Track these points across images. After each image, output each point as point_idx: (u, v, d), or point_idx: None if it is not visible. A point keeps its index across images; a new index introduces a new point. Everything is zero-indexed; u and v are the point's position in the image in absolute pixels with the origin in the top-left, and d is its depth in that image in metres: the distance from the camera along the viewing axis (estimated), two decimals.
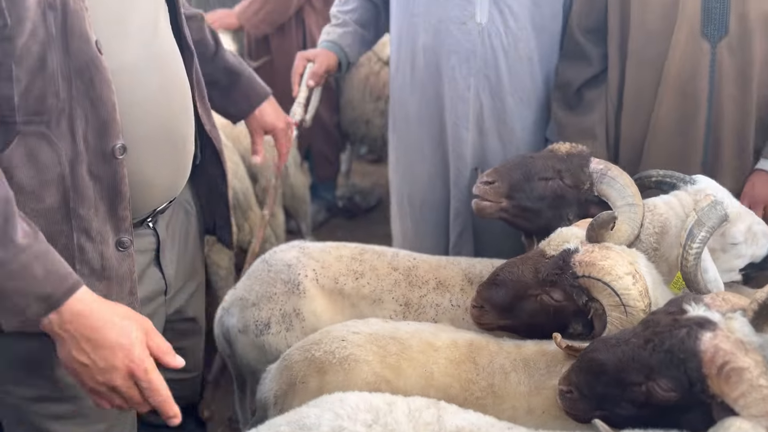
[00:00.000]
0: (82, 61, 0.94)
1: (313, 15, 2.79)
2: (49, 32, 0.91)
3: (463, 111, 1.62)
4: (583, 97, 1.61)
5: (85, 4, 0.94)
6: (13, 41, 0.89)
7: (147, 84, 1.05)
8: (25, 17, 0.89)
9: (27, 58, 0.90)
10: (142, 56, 1.05)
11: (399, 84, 1.71)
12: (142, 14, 1.06)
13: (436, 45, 1.58)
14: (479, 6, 1.53)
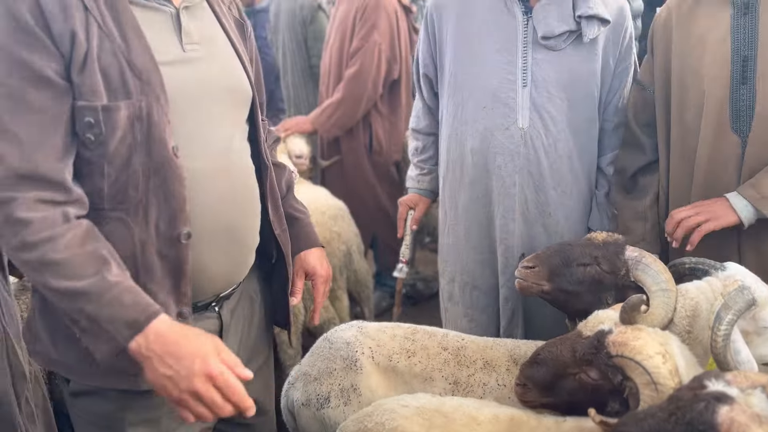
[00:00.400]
0: (159, 162, 1.08)
1: (378, 119, 3.04)
2: (135, 138, 1.06)
3: (510, 205, 1.76)
4: (638, 182, 1.74)
5: (167, 117, 1.08)
6: (107, 145, 1.05)
7: (216, 187, 1.17)
8: (117, 127, 1.05)
9: (116, 158, 1.06)
10: (214, 164, 1.17)
11: (449, 181, 1.87)
12: (219, 132, 1.19)
13: (483, 148, 1.75)
14: (521, 113, 1.70)
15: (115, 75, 1.04)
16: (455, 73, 1.77)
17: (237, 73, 1.23)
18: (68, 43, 1.02)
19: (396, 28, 2.96)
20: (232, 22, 1.28)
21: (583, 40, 1.67)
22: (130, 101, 1.05)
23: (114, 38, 1.05)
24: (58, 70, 1.02)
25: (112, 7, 1.06)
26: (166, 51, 1.11)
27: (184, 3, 1.16)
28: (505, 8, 1.69)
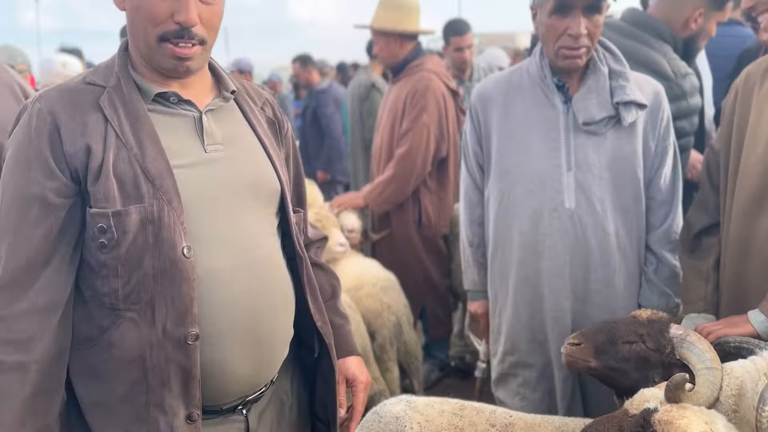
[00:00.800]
0: (167, 263, 1.09)
1: (427, 194, 3.16)
2: (146, 240, 1.08)
3: (561, 284, 1.81)
4: (702, 242, 1.76)
5: (180, 219, 1.09)
6: (119, 248, 1.08)
7: (231, 287, 1.15)
8: (129, 230, 1.08)
9: (129, 260, 1.09)
10: (234, 262, 1.16)
11: (498, 262, 1.93)
12: (241, 229, 1.18)
13: (532, 229, 1.81)
14: (567, 195, 1.78)
15: (129, 181, 1.08)
16: (501, 159, 1.86)
17: (263, 170, 1.24)
18: (83, 158, 1.08)
19: (444, 110, 3.12)
20: (264, 121, 1.30)
21: (623, 125, 1.77)
22: (142, 205, 1.08)
23: (131, 147, 1.09)
24: (60, 190, 1.08)
25: (131, 116, 1.12)
26: (186, 154, 1.14)
27: (210, 106, 1.20)
28: (546, 99, 1.81)
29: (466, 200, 2.03)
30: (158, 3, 1.09)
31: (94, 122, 1.10)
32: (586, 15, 1.68)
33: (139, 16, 1.11)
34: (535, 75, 1.83)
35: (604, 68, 1.79)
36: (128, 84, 1.14)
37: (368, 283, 2.61)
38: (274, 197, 1.26)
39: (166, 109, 1.17)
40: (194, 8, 1.10)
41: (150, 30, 1.11)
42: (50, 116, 1.09)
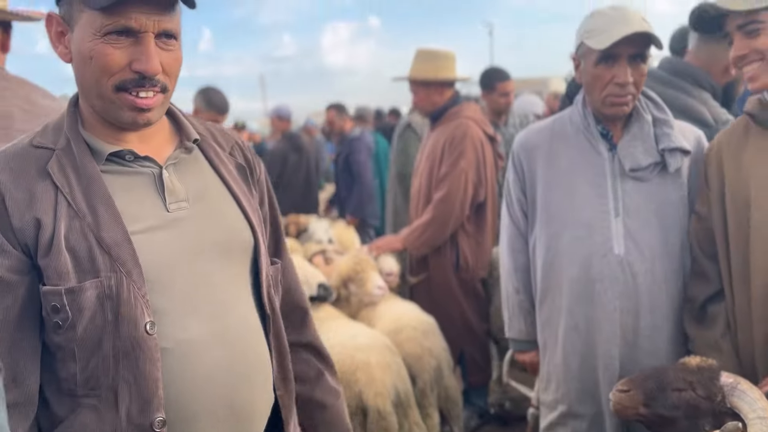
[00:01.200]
0: (129, 343, 0.99)
1: (465, 238, 3.17)
2: (105, 318, 0.98)
3: (612, 331, 1.80)
4: (707, 312, 1.72)
5: (141, 292, 0.99)
6: (75, 329, 0.98)
7: (206, 359, 1.05)
8: (85, 308, 0.97)
9: (86, 341, 0.99)
10: (205, 332, 1.06)
11: (546, 309, 1.93)
12: (213, 295, 1.08)
13: (581, 276, 1.81)
14: (616, 241, 1.78)
15: (83, 254, 0.98)
16: (548, 206, 1.88)
17: (233, 223, 1.14)
18: (32, 232, 0.98)
19: (482, 155, 3.17)
20: (233, 167, 1.20)
21: (668, 171, 1.79)
22: (98, 280, 0.98)
23: (84, 215, 0.99)
24: (13, 266, 0.97)
25: (83, 180, 1.01)
26: (145, 216, 1.04)
27: (171, 160, 1.10)
28: (591, 146, 1.84)
29: (509, 248, 2.03)
30: (113, 52, 0.98)
31: (42, 191, 0.99)
32: (632, 64, 1.72)
33: (91, 67, 1.00)
34: (579, 123, 1.87)
35: (648, 116, 1.82)
36: (79, 145, 1.04)
37: (408, 327, 2.62)
38: (247, 251, 1.15)
39: (122, 168, 1.06)
40: (156, 55, 1.00)
41: (104, 81, 1.00)
42: None
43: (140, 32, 0.99)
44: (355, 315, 2.78)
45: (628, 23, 1.68)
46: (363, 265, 2.81)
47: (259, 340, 1.15)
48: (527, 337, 2.03)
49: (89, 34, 0.99)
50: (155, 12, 0.99)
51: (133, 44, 1.00)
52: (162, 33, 1.02)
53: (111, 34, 0.98)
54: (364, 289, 2.76)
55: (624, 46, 1.69)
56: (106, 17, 0.97)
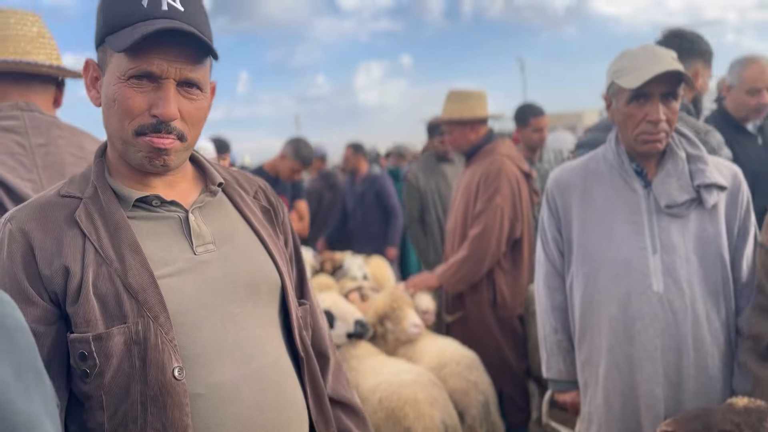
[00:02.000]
0: (156, 389, 0.98)
1: (502, 274, 3.16)
2: (132, 364, 0.98)
3: (654, 370, 1.77)
4: None
5: (169, 336, 0.99)
6: (103, 376, 0.97)
7: (238, 404, 1.04)
8: (113, 354, 0.97)
9: (114, 388, 0.98)
10: (236, 375, 1.05)
11: (586, 349, 1.90)
12: (242, 335, 1.07)
13: (620, 314, 1.79)
14: (654, 278, 1.77)
15: (111, 300, 0.98)
16: (584, 244, 1.87)
17: (260, 264, 1.14)
18: (61, 280, 0.98)
19: (517, 191, 3.18)
20: (258, 210, 1.21)
21: (705, 207, 1.77)
22: (126, 326, 0.98)
23: (111, 261, 1.00)
24: (40, 317, 0.98)
25: (110, 227, 1.02)
26: (173, 260, 1.04)
27: (196, 204, 1.11)
28: (626, 184, 1.84)
29: (545, 287, 2.01)
30: (135, 95, 1.01)
31: (70, 239, 1.00)
32: (664, 102, 1.73)
33: (115, 110, 1.02)
34: (613, 161, 1.87)
35: (681, 153, 1.82)
36: (105, 192, 1.06)
37: (452, 362, 2.59)
38: (274, 292, 1.15)
39: (149, 213, 1.07)
40: (174, 101, 1.01)
41: (126, 125, 1.02)
42: (22, 237, 1.00)
43: (161, 78, 1.01)
44: (392, 352, 2.78)
45: (659, 62, 1.70)
46: (399, 303, 2.82)
47: (293, 383, 1.14)
48: (567, 377, 2.00)
49: (115, 77, 1.02)
50: (178, 60, 1.01)
51: (154, 90, 1.01)
52: (184, 81, 1.03)
53: (134, 78, 1.01)
54: (400, 327, 2.77)
55: (655, 85, 1.70)
56: (130, 61, 1.00)
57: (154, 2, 1.01)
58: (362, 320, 2.64)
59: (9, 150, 1.53)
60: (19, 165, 1.52)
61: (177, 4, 1.03)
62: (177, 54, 1.01)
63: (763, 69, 2.93)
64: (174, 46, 1.01)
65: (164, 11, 1.01)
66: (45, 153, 1.57)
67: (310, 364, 1.18)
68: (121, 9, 1.02)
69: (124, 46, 0.98)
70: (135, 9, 1.01)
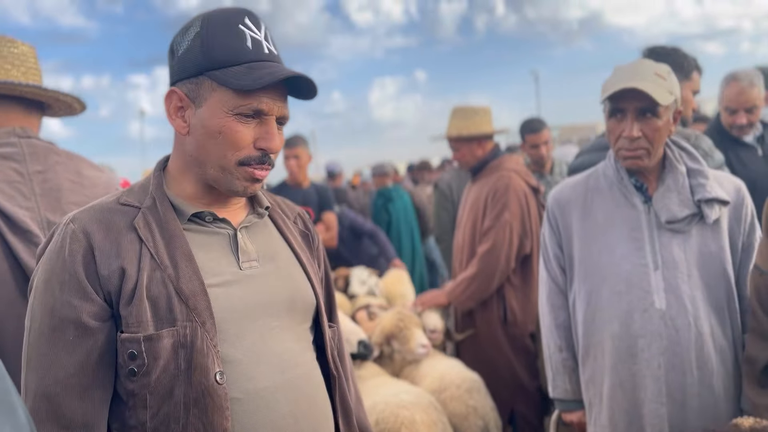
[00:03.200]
0: (199, 391, 1.03)
1: (512, 291, 3.11)
2: (178, 366, 1.03)
3: (658, 388, 1.73)
4: None
5: (213, 342, 1.05)
6: (150, 376, 1.03)
7: (274, 410, 1.09)
8: (160, 356, 1.03)
9: (159, 388, 1.03)
10: (273, 383, 1.10)
11: (589, 367, 1.87)
12: (279, 347, 1.14)
13: (623, 332, 1.76)
14: (656, 294, 1.73)
15: (162, 303, 1.04)
16: (585, 261, 1.85)
17: (299, 284, 1.21)
18: (117, 281, 1.04)
19: (526, 206, 3.14)
20: (298, 235, 1.30)
21: (707, 222, 1.73)
22: (174, 329, 1.04)
23: (165, 267, 1.06)
24: (96, 313, 1.04)
25: (166, 236, 1.09)
26: (221, 272, 1.11)
27: (244, 223, 1.19)
28: (626, 200, 1.81)
29: (549, 304, 1.98)
30: (243, 130, 1.09)
31: (128, 243, 1.07)
32: (640, 118, 1.71)
33: (220, 141, 1.10)
34: (612, 177, 1.85)
35: (682, 167, 1.79)
36: (164, 204, 1.13)
37: (452, 385, 2.56)
38: (309, 311, 1.23)
39: (202, 227, 1.15)
40: (278, 136, 1.13)
41: (230, 155, 1.10)
42: (84, 237, 1.06)
43: (267, 115, 1.11)
44: (398, 372, 2.75)
45: (631, 78, 1.68)
46: (406, 322, 2.79)
47: (324, 397, 1.20)
48: (573, 397, 1.96)
49: (221, 111, 1.09)
50: (279, 99, 1.12)
51: (259, 125, 1.11)
52: (280, 118, 1.14)
53: (242, 115, 1.09)
54: (407, 347, 2.73)
55: (629, 101, 1.69)
56: (241, 99, 1.08)
57: (257, 45, 1.11)
58: (366, 341, 2.61)
59: (7, 178, 1.55)
60: (17, 193, 1.54)
61: (272, 47, 1.14)
62: (280, 94, 1.12)
63: (741, 90, 2.93)
64: (278, 87, 1.11)
65: (266, 54, 1.12)
66: (42, 180, 1.59)
67: (341, 382, 1.25)
68: (227, 47, 1.09)
69: (247, 86, 1.06)
70: (241, 49, 1.09)
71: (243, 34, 1.10)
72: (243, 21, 1.11)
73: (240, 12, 1.12)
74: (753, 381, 1.64)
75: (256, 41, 1.11)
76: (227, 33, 1.10)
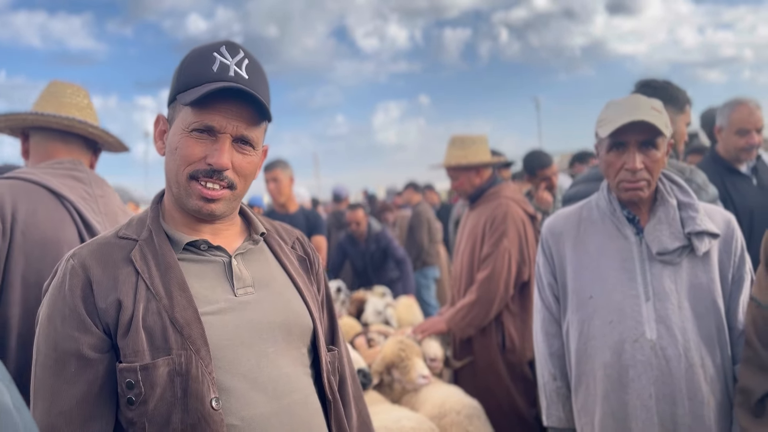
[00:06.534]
0: (195, 417, 1.04)
1: (510, 318, 3.14)
2: (174, 394, 1.05)
3: (649, 418, 1.75)
4: (767, 407, 1.60)
5: (209, 369, 1.06)
6: (147, 404, 1.05)
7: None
8: (157, 384, 1.04)
9: (157, 416, 1.05)
10: (269, 409, 1.11)
11: (582, 396, 1.89)
12: (275, 372, 1.14)
13: (614, 361, 1.79)
14: (647, 325, 1.76)
15: (158, 333, 1.07)
16: (578, 290, 1.88)
17: (295, 308, 1.22)
18: (114, 313, 1.07)
19: (524, 234, 3.18)
20: (294, 259, 1.31)
21: (697, 254, 1.77)
22: (170, 357, 1.05)
23: (161, 297, 1.09)
24: (96, 345, 1.07)
25: (162, 267, 1.12)
26: (215, 299, 1.13)
27: (239, 250, 1.21)
28: (618, 231, 1.85)
29: (543, 333, 2.01)
30: (194, 144, 1.13)
31: (125, 276, 1.10)
32: (642, 150, 1.76)
33: (175, 157, 1.14)
34: (605, 209, 1.89)
35: (673, 200, 1.83)
36: (159, 235, 1.16)
37: (452, 411, 2.57)
38: (306, 335, 1.23)
39: (197, 256, 1.17)
40: (227, 154, 1.13)
41: (182, 170, 1.14)
42: (83, 272, 1.09)
43: (219, 132, 1.14)
44: (397, 400, 2.76)
45: (632, 112, 1.73)
46: (408, 352, 2.79)
47: (321, 422, 1.21)
48: (567, 425, 1.98)
49: (180, 129, 1.15)
50: (237, 119, 1.14)
51: (212, 142, 1.14)
52: (239, 138, 1.16)
53: (196, 131, 1.13)
54: (408, 378, 2.75)
55: (631, 134, 1.73)
56: (194, 115, 1.13)
57: (222, 68, 1.14)
58: (365, 369, 2.62)
59: (81, 195, 1.76)
60: (90, 209, 1.75)
61: (243, 72, 1.15)
62: (236, 113, 1.14)
63: (751, 111, 3.01)
64: (234, 106, 1.14)
65: (231, 76, 1.14)
66: (104, 203, 1.81)
67: (337, 407, 1.26)
68: (193, 71, 1.15)
69: (191, 100, 1.11)
70: (205, 72, 1.14)
71: (212, 59, 1.14)
72: (218, 49, 1.16)
73: (221, 42, 1.17)
74: (748, 411, 1.65)
75: (223, 65, 1.14)
76: (199, 59, 1.15)
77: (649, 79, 2.44)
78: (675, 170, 2.10)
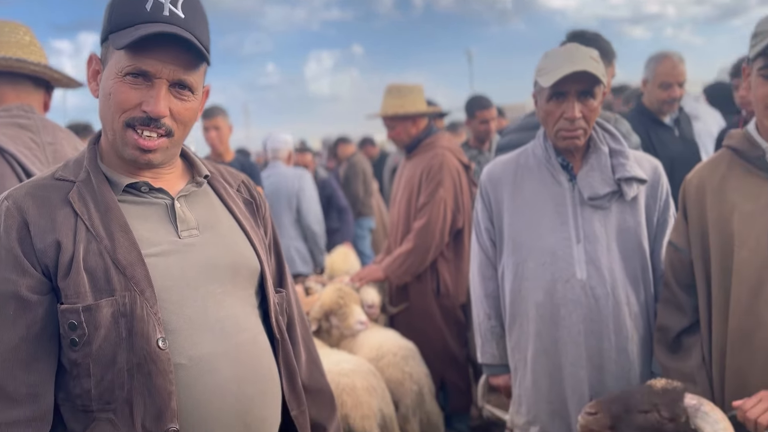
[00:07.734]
0: (142, 357, 1.04)
1: (445, 264, 3.23)
2: (119, 335, 1.04)
3: (578, 353, 1.86)
4: (682, 343, 1.72)
5: (154, 309, 1.06)
6: (91, 345, 1.04)
7: (218, 374, 1.11)
8: (100, 325, 1.04)
9: (101, 357, 1.04)
10: (215, 349, 1.11)
11: (515, 334, 1.98)
12: (222, 313, 1.14)
13: (546, 301, 1.88)
14: (578, 266, 1.85)
15: (100, 274, 1.05)
16: (514, 234, 1.95)
17: (241, 251, 1.22)
18: (53, 254, 1.05)
19: (459, 183, 3.25)
20: (241, 202, 1.30)
21: (626, 199, 1.86)
22: (113, 298, 1.04)
23: (101, 239, 1.07)
24: (34, 287, 1.05)
25: (101, 208, 1.09)
26: (159, 241, 1.12)
27: (182, 192, 1.19)
28: (552, 178, 1.92)
29: (480, 275, 2.09)
30: (128, 90, 1.08)
31: (63, 217, 1.07)
32: (580, 99, 1.81)
33: (110, 103, 1.09)
34: (541, 156, 1.95)
35: (605, 147, 1.90)
36: (98, 177, 1.13)
37: (389, 353, 2.65)
38: (254, 277, 1.23)
39: (138, 198, 1.15)
40: (164, 101, 1.09)
41: (117, 117, 1.09)
42: (18, 213, 1.06)
43: (155, 77, 1.08)
44: (335, 345, 2.81)
45: (573, 62, 1.77)
46: (346, 299, 2.85)
47: (270, 360, 1.22)
48: (500, 362, 2.08)
49: (113, 73, 1.09)
50: (173, 62, 1.09)
51: (148, 88, 1.09)
52: (177, 83, 1.11)
53: (130, 75, 1.08)
54: (345, 324, 2.80)
55: (571, 84, 1.78)
56: (128, 59, 1.07)
57: (156, 7, 1.08)
58: None
59: (27, 145, 1.68)
60: (36, 159, 1.67)
61: (178, 11, 1.09)
62: (172, 57, 1.08)
63: (674, 64, 3.14)
64: (169, 50, 1.08)
65: (165, 16, 1.08)
66: (53, 151, 1.73)
67: (285, 346, 1.27)
68: (126, 10, 1.09)
69: (123, 44, 1.05)
70: (138, 11, 1.08)
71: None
72: None
73: None
74: (664, 347, 1.77)
75: (157, 4, 1.08)
76: None
77: (580, 30, 2.49)
78: (601, 119, 2.18)
